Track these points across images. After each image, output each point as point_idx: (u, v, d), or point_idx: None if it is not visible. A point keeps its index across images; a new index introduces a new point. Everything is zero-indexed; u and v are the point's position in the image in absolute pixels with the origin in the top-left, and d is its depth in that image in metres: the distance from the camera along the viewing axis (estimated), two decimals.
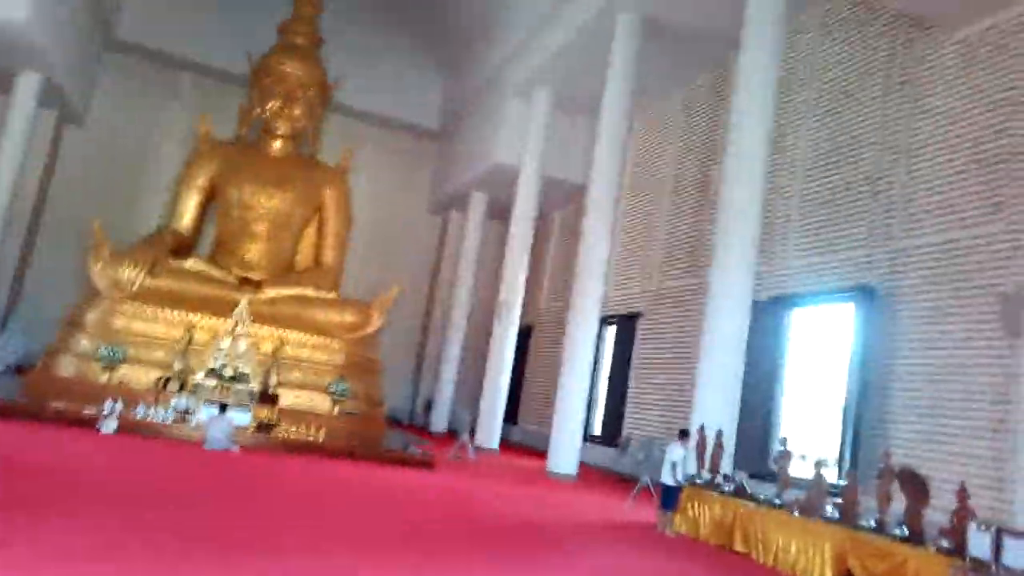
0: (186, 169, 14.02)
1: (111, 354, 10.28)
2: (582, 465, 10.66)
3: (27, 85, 14.37)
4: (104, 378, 10.23)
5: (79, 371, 10.38)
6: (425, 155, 20.16)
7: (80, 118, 16.79)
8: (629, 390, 12.55)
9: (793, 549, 5.84)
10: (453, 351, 16.91)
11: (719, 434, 7.61)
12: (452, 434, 15.64)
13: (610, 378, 13.30)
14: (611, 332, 13.56)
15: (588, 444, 10.69)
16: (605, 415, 13.16)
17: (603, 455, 12.42)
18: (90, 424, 7.86)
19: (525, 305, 14.63)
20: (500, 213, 18.13)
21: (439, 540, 5.11)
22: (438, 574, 4.18)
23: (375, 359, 12.93)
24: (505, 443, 14.23)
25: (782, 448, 6.97)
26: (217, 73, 17.54)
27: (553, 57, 13.39)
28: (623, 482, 11.06)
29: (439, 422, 16.50)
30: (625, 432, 11.97)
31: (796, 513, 6.05)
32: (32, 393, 9.24)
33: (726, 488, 6.89)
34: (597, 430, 13.20)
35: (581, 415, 10.42)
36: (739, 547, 6.35)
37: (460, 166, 17.70)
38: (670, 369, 11.59)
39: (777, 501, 6.40)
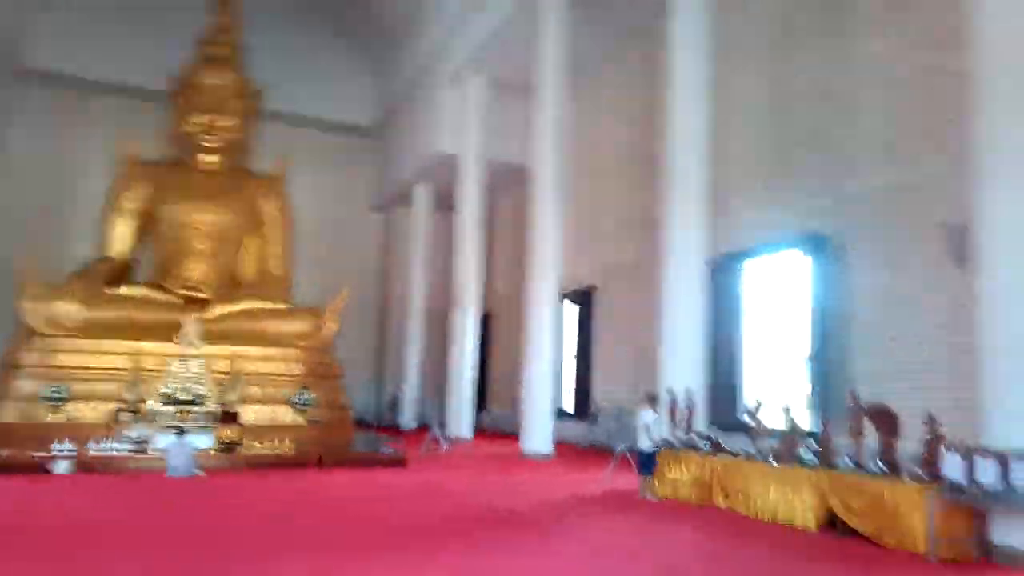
0: (113, 195, 13.43)
1: (55, 392, 9.81)
2: (557, 443, 10.61)
3: None
4: (51, 418, 9.76)
5: (23, 415, 9.88)
6: (363, 154, 19.80)
7: None
8: (594, 363, 12.56)
9: (773, 496, 5.87)
10: (413, 346, 16.72)
11: (688, 393, 7.62)
12: (423, 429, 15.48)
13: (575, 354, 13.29)
14: (570, 308, 13.53)
15: (561, 421, 10.67)
16: (574, 390, 13.15)
17: (576, 430, 12.42)
18: (40, 468, 7.47)
19: (483, 292, 14.49)
20: (446, 203, 17.91)
21: (418, 536, 4.98)
22: (421, 569, 4.04)
23: (333, 364, 12.63)
24: (478, 431, 14.12)
25: (756, 401, 7.00)
26: (134, 92, 16.89)
27: (483, 42, 13.25)
28: (599, 454, 11.06)
29: (408, 419, 16.31)
30: (595, 404, 11.98)
31: (773, 461, 6.09)
32: None
33: (702, 446, 6.90)
34: (568, 406, 13.19)
35: (549, 393, 10.38)
36: (720, 502, 6.37)
37: (400, 161, 17.43)
38: (632, 337, 11.61)
39: (753, 452, 6.43)
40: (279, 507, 6.14)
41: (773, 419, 6.92)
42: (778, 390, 8.98)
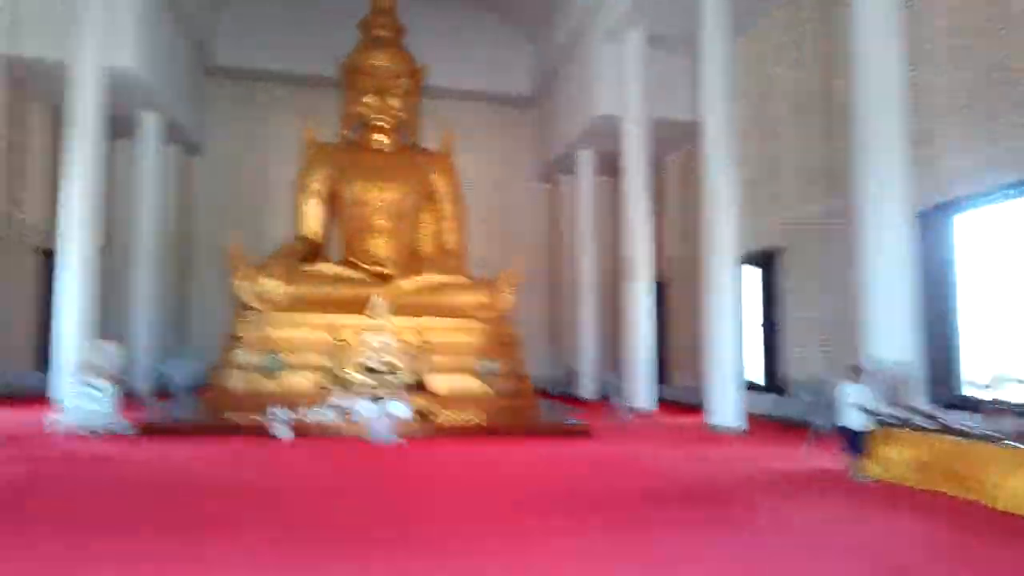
0: (300, 177, 14.43)
1: (271, 363, 10.80)
2: (745, 416, 10.20)
3: (148, 126, 15.30)
4: (269, 386, 10.78)
5: (246, 383, 10.97)
6: (524, 123, 19.90)
7: (200, 149, 17.75)
8: (782, 330, 11.90)
9: (1020, 485, 5.23)
10: (587, 315, 16.71)
11: (900, 364, 6.99)
12: (603, 400, 15.51)
13: (760, 321, 12.67)
14: (751, 272, 12.87)
15: (748, 393, 10.24)
16: (761, 360, 12.57)
17: (764, 402, 11.89)
18: (264, 432, 8.27)
19: (654, 258, 14.15)
20: (611, 168, 17.63)
21: (615, 507, 4.96)
22: (621, 541, 4.01)
23: (513, 334, 12.92)
24: (660, 403, 13.92)
25: (994, 374, 6.28)
26: (314, 80, 17.95)
27: None
28: (792, 428, 10.53)
29: (586, 389, 16.42)
30: (785, 374, 11.39)
31: (1019, 444, 5.42)
32: (209, 409, 9.87)
33: (924, 424, 6.31)
34: (754, 376, 12.64)
35: (735, 363, 9.95)
36: (948, 489, 5.79)
37: (561, 127, 17.30)
38: (824, 301, 10.85)
39: (989, 431, 5.78)
40: (479, 473, 6.38)
41: (1009, 393, 6.18)
42: (1010, 361, 8.02)
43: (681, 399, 15.95)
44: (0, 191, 13.02)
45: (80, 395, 8.01)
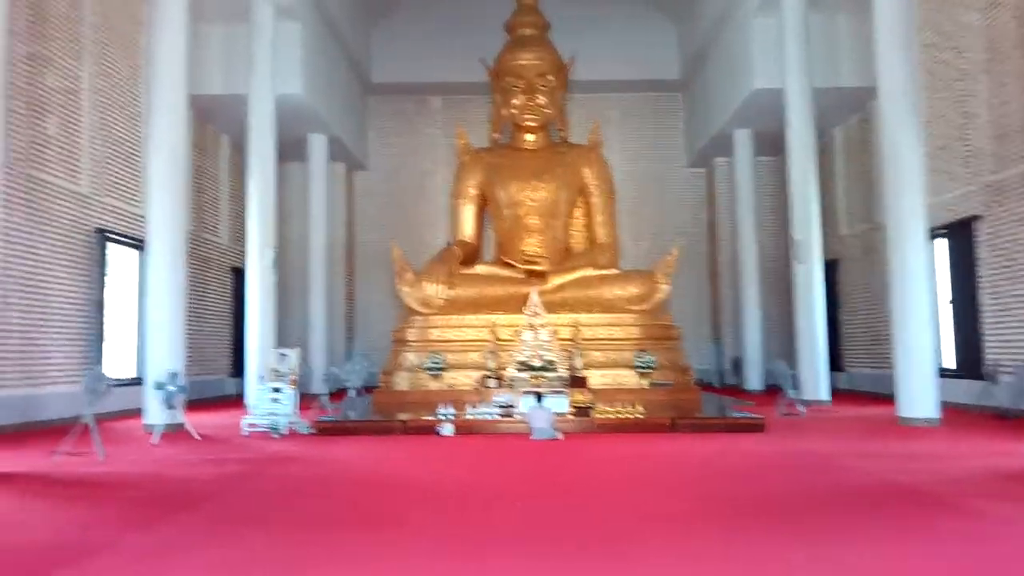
0: (455, 183, 14.87)
1: (434, 363, 11.20)
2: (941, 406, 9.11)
3: (317, 146, 16.46)
4: (433, 385, 11.18)
5: (412, 383, 11.47)
6: (673, 108, 19.28)
7: (363, 163, 18.85)
8: (983, 309, 10.54)
9: None
10: (752, 302, 15.84)
11: None
12: (772, 390, 14.63)
13: (953, 299, 11.32)
14: (941, 245, 11.53)
15: (941, 380, 9.14)
16: (956, 343, 11.23)
17: (963, 390, 10.59)
18: (430, 430, 8.53)
19: (824, 238, 13.09)
20: (770, 147, 16.61)
21: (808, 512, 4.48)
22: (824, 554, 3.58)
23: (671, 326, 12.50)
24: (835, 392, 12.88)
25: None
26: (464, 87, 18.46)
27: None
28: (999, 419, 9.29)
29: (753, 380, 15.56)
30: (990, 359, 10.07)
31: None
32: (380, 409, 10.39)
33: None
34: (948, 362, 11.32)
35: (928, 348, 8.90)
36: None
37: (714, 107, 16.51)
38: None
39: None
40: (645, 471, 6.14)
41: None
42: None
43: (859, 388, 14.66)
44: (196, 217, 14.54)
45: (265, 399, 8.69)
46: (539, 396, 8.89)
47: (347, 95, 17.26)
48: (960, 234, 11.11)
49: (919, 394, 8.80)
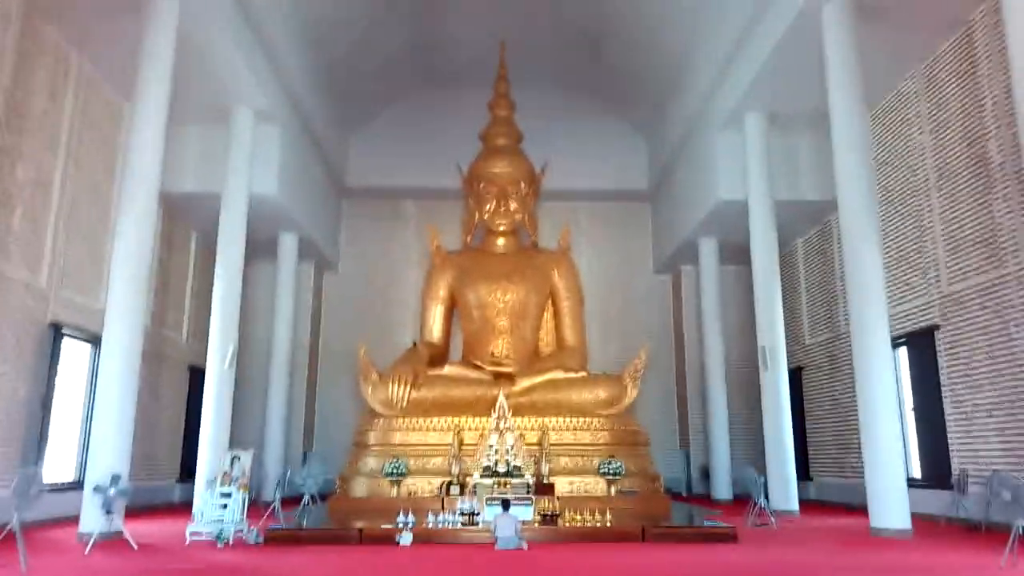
0: (425, 284, 14.90)
1: (395, 469, 10.76)
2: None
3: (287, 246, 16.48)
4: (393, 492, 10.69)
5: (371, 489, 10.97)
6: (640, 217, 19.82)
7: (333, 264, 18.86)
8: (947, 418, 10.55)
9: None
10: (719, 409, 15.71)
11: None
12: (739, 500, 14.31)
13: (916, 408, 11.35)
14: (902, 354, 11.68)
15: (909, 489, 8.99)
16: (922, 452, 11.16)
17: (931, 500, 10.43)
18: (389, 539, 8.07)
19: (788, 345, 13.22)
20: (735, 255, 17.03)
21: None
22: None
23: (640, 431, 12.29)
24: (802, 502, 12.61)
25: None
26: (437, 193, 18.85)
27: (757, 78, 12.50)
28: (970, 531, 9.11)
29: (722, 488, 15.20)
30: (957, 469, 9.98)
31: None
32: (336, 517, 9.86)
33: None
34: (915, 471, 11.21)
35: (898, 456, 8.81)
36: None
37: (681, 217, 17.00)
38: (999, 383, 9.55)
39: None
40: None
41: None
42: None
43: (826, 498, 14.40)
44: (158, 313, 14.23)
45: (212, 504, 8.20)
46: (506, 504, 8.51)
47: (321, 197, 17.48)
48: (920, 343, 11.29)
49: (891, 504, 8.63)
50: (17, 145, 9.84)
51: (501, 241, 14.81)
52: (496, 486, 9.97)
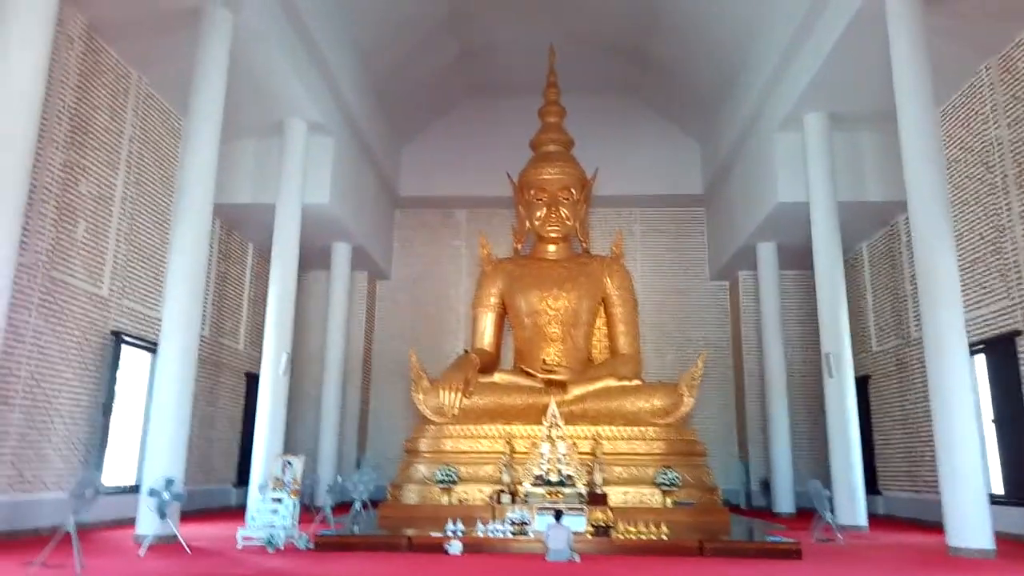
0: (476, 291, 14.85)
1: (446, 476, 10.66)
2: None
3: (340, 255, 16.64)
4: (444, 500, 10.59)
5: (422, 497, 10.90)
6: (695, 222, 19.35)
7: (386, 273, 18.98)
8: None
9: None
10: (780, 419, 15.10)
11: None
12: (803, 513, 13.72)
13: (996, 419, 10.65)
14: (979, 361, 10.99)
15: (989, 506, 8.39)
16: (1004, 466, 10.44)
17: (1014, 518, 9.73)
18: (438, 548, 7.94)
19: (854, 353, 12.61)
20: (795, 260, 16.46)
21: None
22: None
23: (697, 441, 11.91)
24: (871, 517, 11.97)
25: None
26: (488, 201, 18.82)
27: (817, 77, 12.00)
28: None
29: (783, 502, 14.59)
30: None
31: None
32: (386, 524, 9.80)
33: None
34: (996, 487, 10.50)
35: (978, 470, 8.21)
36: None
37: (738, 221, 16.51)
38: None
39: None
40: None
41: None
42: None
43: (896, 513, 13.66)
44: (216, 322, 14.53)
45: (264, 509, 8.22)
46: (558, 514, 8.27)
47: (374, 207, 17.63)
48: (1000, 349, 10.59)
49: (971, 522, 8.04)
50: (80, 160, 10.16)
51: (552, 248, 14.66)
52: (548, 495, 9.77)
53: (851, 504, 11.19)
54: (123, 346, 11.07)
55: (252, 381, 15.22)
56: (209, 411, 14.13)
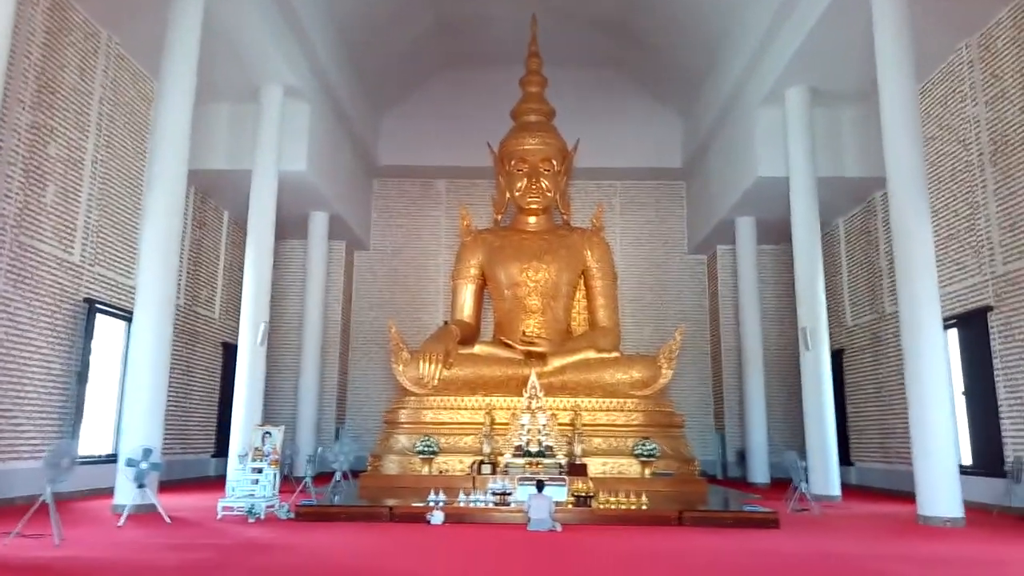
0: (456, 262, 14.76)
1: (426, 447, 10.67)
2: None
3: (318, 223, 16.40)
4: (424, 470, 10.62)
5: (402, 467, 10.91)
6: (675, 196, 19.37)
7: (364, 243, 18.77)
8: (1000, 402, 10.10)
9: None
10: (756, 391, 15.34)
11: None
12: (778, 484, 14.01)
13: (967, 391, 10.90)
14: (951, 336, 11.21)
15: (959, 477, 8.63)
16: (973, 438, 10.72)
17: (982, 488, 10.02)
18: (420, 518, 7.97)
19: (829, 327, 12.79)
20: (773, 234, 16.60)
21: None
22: None
23: (675, 413, 12.05)
24: (844, 488, 12.26)
25: None
26: (468, 172, 18.63)
27: (800, 49, 11.98)
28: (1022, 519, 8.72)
29: (758, 472, 14.88)
30: (1012, 455, 9.56)
31: None
32: (367, 494, 9.80)
33: None
34: (965, 458, 10.78)
35: (949, 441, 8.42)
36: None
37: (717, 195, 16.56)
38: None
39: None
40: (651, 569, 5.59)
41: None
42: None
43: (869, 484, 14.01)
44: (191, 290, 14.29)
45: (244, 480, 8.16)
46: (540, 484, 8.32)
47: (352, 175, 17.37)
48: (972, 324, 10.81)
49: (941, 492, 8.27)
50: (48, 122, 9.83)
51: (533, 220, 14.58)
52: (528, 466, 9.84)
53: (825, 475, 11.44)
54: (97, 315, 10.83)
55: (228, 351, 15.04)
56: (185, 381, 13.95)
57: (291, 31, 12.80)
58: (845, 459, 14.14)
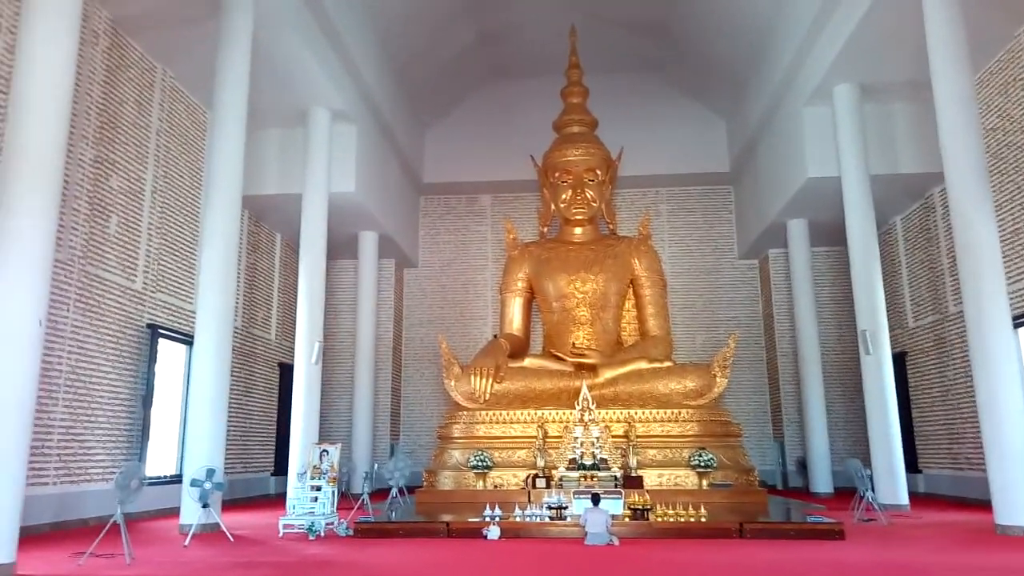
0: (503, 276, 14.81)
1: (480, 461, 10.69)
2: None
3: (368, 243, 16.67)
4: (479, 485, 10.63)
5: (457, 483, 10.95)
6: (723, 201, 19.09)
7: (412, 260, 19.00)
8: None
9: None
10: (816, 398, 14.92)
11: None
12: (842, 493, 13.58)
13: None
14: (1021, 336, 10.71)
15: None
16: None
17: None
18: (477, 533, 7.97)
19: (890, 329, 12.37)
20: (826, 236, 16.20)
21: None
22: None
23: (731, 422, 11.81)
24: (912, 496, 11.80)
25: None
26: (512, 186, 18.71)
27: (847, 46, 11.69)
28: None
29: (820, 482, 14.44)
30: None
31: None
32: (423, 510, 9.86)
33: None
34: None
35: None
36: None
37: (766, 198, 16.24)
38: None
39: None
40: None
41: None
42: None
43: (937, 491, 13.44)
44: (247, 313, 14.67)
45: (303, 498, 8.30)
46: (595, 498, 8.24)
47: (399, 194, 17.63)
48: None
49: (1020, 499, 7.87)
50: (109, 155, 10.26)
51: (579, 231, 14.54)
52: (582, 479, 9.76)
53: (891, 483, 11.03)
54: (159, 339, 11.21)
55: (285, 371, 15.37)
56: (244, 401, 14.31)
57: (336, 54, 13.10)
58: (912, 466, 13.63)
